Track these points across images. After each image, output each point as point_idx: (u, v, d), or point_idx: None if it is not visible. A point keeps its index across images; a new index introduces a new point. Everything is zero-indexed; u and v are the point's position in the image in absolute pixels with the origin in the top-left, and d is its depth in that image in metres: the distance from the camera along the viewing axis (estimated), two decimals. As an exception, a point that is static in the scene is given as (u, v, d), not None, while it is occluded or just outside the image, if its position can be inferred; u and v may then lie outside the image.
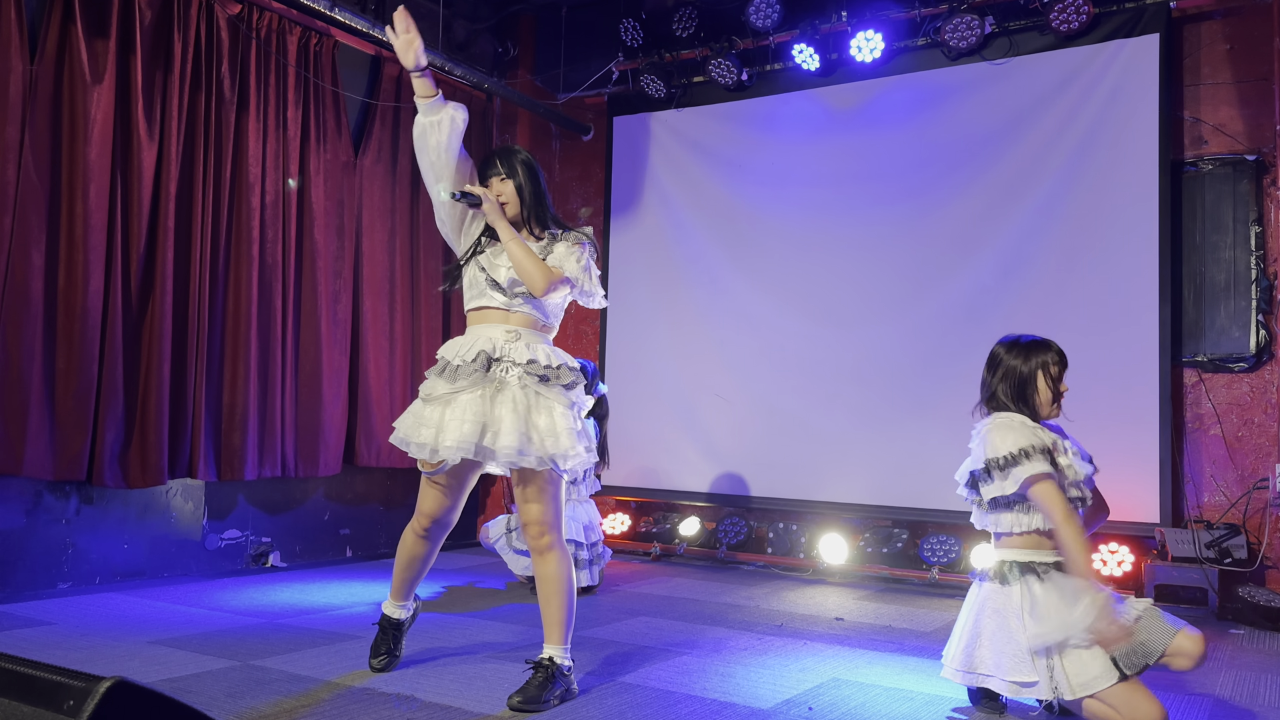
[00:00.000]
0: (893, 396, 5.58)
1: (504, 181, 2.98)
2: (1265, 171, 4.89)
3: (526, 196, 3.00)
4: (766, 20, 5.84)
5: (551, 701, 2.80)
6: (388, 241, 5.84)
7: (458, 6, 6.49)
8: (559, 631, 2.88)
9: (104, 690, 1.13)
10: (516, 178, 2.98)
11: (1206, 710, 3.00)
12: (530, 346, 2.90)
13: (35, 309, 4.16)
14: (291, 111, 5.25)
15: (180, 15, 4.69)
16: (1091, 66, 5.20)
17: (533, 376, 2.84)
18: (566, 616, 2.89)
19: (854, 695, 3.05)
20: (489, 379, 2.82)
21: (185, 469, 4.68)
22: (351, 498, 5.80)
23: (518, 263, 2.84)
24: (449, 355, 2.89)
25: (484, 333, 2.93)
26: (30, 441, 4.10)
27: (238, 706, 2.72)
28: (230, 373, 4.91)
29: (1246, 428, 4.87)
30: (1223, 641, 4.02)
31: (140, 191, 4.50)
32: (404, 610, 3.23)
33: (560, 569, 2.90)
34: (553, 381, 2.85)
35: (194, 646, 3.40)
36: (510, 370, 2.85)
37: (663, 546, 6.03)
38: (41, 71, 4.22)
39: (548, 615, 2.89)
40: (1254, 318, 4.86)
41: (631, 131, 6.63)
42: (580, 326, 6.89)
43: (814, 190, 5.93)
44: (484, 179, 3.03)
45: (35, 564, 4.29)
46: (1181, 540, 4.62)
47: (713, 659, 3.46)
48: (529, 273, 2.83)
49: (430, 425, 2.83)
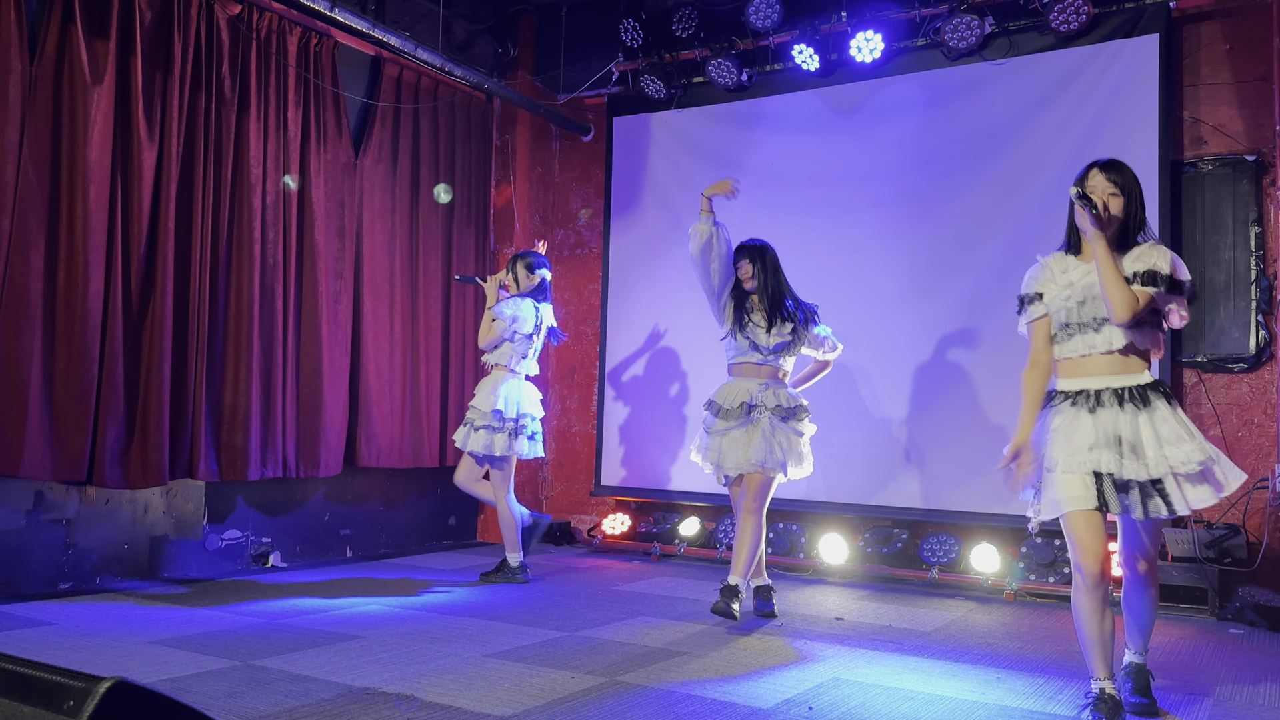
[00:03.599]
0: (893, 396, 5.58)
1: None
2: (1265, 172, 4.89)
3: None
4: (766, 20, 5.84)
5: (737, 611, 3.97)
6: (388, 242, 5.85)
7: (458, 7, 6.50)
8: (743, 567, 4.05)
9: (104, 690, 1.13)
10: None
11: (1206, 710, 3.00)
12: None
13: (35, 310, 4.16)
14: (292, 112, 5.25)
15: (180, 16, 4.70)
16: (1091, 66, 5.20)
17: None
18: (748, 558, 4.06)
19: (854, 695, 3.05)
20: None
21: (186, 469, 4.68)
22: (352, 498, 5.80)
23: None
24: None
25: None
26: (30, 442, 4.10)
27: (238, 706, 2.72)
28: (232, 373, 4.91)
29: (1246, 428, 4.87)
30: (1223, 641, 4.02)
31: (140, 192, 4.51)
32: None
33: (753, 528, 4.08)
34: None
35: (194, 646, 3.40)
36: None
37: (663, 546, 6.03)
38: (41, 72, 4.23)
39: (737, 555, 4.08)
40: (1254, 318, 4.86)
41: (631, 132, 6.63)
42: (580, 327, 6.89)
43: (814, 190, 5.93)
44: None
45: (36, 564, 4.29)
46: (1181, 540, 4.62)
47: (713, 659, 3.46)
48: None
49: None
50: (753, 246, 4.23)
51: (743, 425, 4.09)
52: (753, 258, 4.19)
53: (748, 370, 4.19)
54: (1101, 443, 2.71)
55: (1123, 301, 2.70)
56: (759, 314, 4.17)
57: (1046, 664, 3.53)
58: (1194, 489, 2.67)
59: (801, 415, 4.15)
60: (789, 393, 4.19)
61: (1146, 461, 2.67)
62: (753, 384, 4.14)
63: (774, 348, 4.15)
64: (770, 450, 4.03)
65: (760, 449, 4.03)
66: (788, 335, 4.16)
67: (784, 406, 4.11)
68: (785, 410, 4.11)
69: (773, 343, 4.15)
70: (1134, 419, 2.71)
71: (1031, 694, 3.12)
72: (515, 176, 6.80)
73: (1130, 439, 2.69)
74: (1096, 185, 2.82)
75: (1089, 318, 2.82)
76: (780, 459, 4.05)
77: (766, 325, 4.15)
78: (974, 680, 3.26)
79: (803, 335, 4.20)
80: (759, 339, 4.15)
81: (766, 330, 4.14)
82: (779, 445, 4.05)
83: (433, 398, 6.11)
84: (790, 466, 4.09)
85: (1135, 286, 2.73)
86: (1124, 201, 2.81)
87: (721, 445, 4.11)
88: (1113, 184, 2.81)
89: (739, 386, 4.16)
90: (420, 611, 4.19)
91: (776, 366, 4.18)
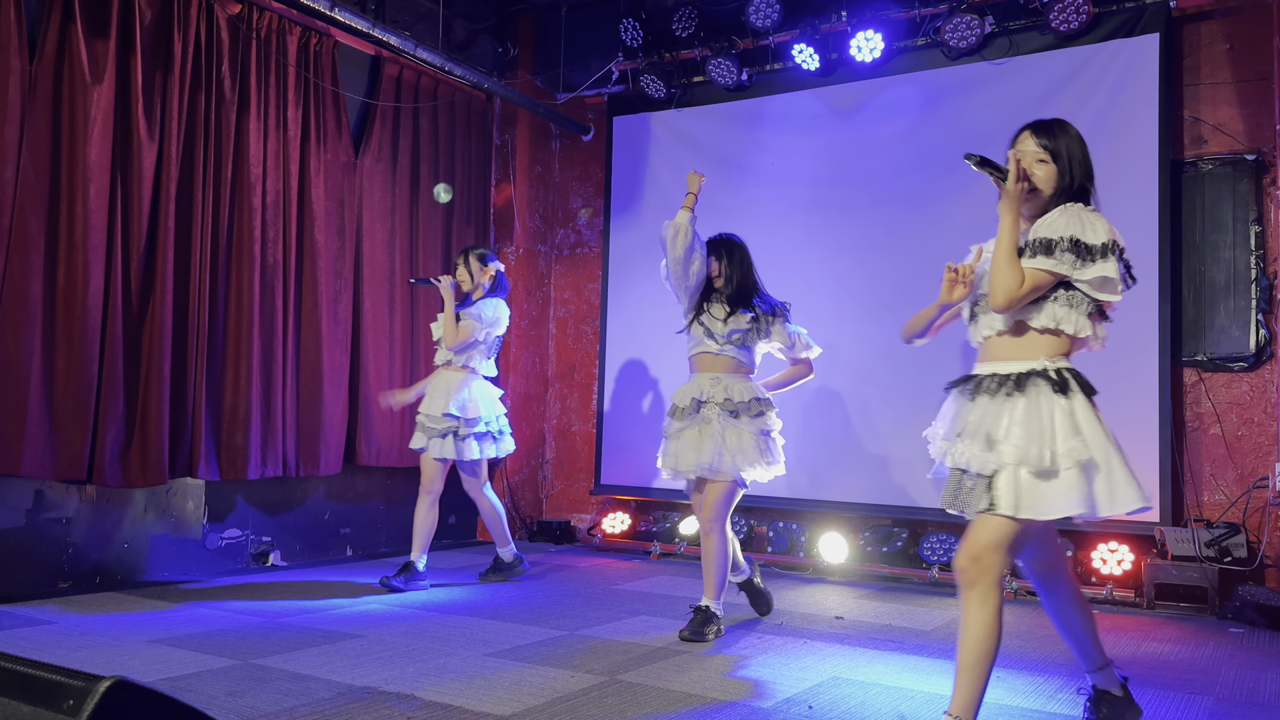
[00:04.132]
0: (893, 396, 5.58)
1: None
2: (1265, 171, 4.89)
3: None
4: (766, 20, 5.84)
5: (708, 637, 3.72)
6: (388, 241, 5.85)
7: (458, 6, 6.49)
8: (714, 589, 3.80)
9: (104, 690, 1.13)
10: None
11: (1206, 709, 3.00)
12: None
13: (35, 309, 4.16)
14: (291, 111, 5.25)
15: (180, 15, 4.69)
16: (1091, 66, 5.20)
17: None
18: (719, 578, 3.80)
19: (854, 694, 3.05)
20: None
21: (186, 468, 4.68)
22: (352, 497, 5.80)
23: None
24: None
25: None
26: (30, 441, 4.10)
27: (238, 706, 2.72)
28: (232, 372, 4.91)
29: (1246, 427, 4.87)
30: (1223, 640, 4.02)
31: (140, 191, 4.50)
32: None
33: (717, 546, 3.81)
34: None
35: (194, 646, 3.40)
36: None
37: (663, 546, 6.03)
38: (41, 71, 4.22)
39: (707, 575, 3.83)
40: (1254, 317, 4.86)
41: (631, 131, 6.63)
42: (580, 326, 6.89)
43: (814, 190, 5.92)
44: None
45: (36, 563, 4.29)
46: (1181, 539, 4.62)
47: (713, 658, 3.46)
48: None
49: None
50: (721, 242, 4.00)
51: (694, 424, 3.83)
52: (719, 254, 3.96)
53: (704, 362, 3.91)
54: (962, 431, 2.43)
55: (1000, 285, 2.36)
56: (719, 306, 3.91)
57: (1046, 663, 3.53)
58: (1040, 491, 2.31)
59: (756, 410, 3.82)
60: (745, 387, 3.86)
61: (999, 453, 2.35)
62: (705, 379, 3.88)
63: (728, 335, 3.86)
64: (718, 453, 3.74)
65: (708, 451, 3.75)
66: (745, 324, 3.87)
67: (733, 400, 3.80)
68: (735, 405, 3.80)
69: (728, 330, 3.86)
70: (1001, 408, 2.38)
71: (1031, 693, 3.12)
72: (515, 176, 6.80)
73: (990, 429, 2.37)
74: (1025, 150, 2.45)
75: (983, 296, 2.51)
76: (732, 463, 3.74)
77: (724, 315, 3.88)
78: (974, 680, 3.26)
79: (764, 326, 3.91)
80: (714, 327, 3.87)
81: (724, 319, 3.87)
82: (728, 448, 3.75)
83: (433, 397, 6.11)
84: (744, 469, 3.77)
85: (1025, 260, 2.36)
86: (1054, 170, 2.42)
87: (675, 447, 3.86)
88: (1043, 148, 2.43)
89: (693, 383, 3.91)
90: (420, 611, 4.19)
91: (735, 359, 3.89)
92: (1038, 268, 2.34)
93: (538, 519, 6.81)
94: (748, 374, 3.94)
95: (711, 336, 3.88)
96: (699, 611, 3.80)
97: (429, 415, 4.71)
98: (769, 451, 3.83)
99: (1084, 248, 2.31)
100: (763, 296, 3.99)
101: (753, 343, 3.93)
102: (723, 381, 3.85)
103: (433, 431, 4.69)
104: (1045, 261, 2.33)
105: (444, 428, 4.66)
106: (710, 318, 3.89)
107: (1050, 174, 2.42)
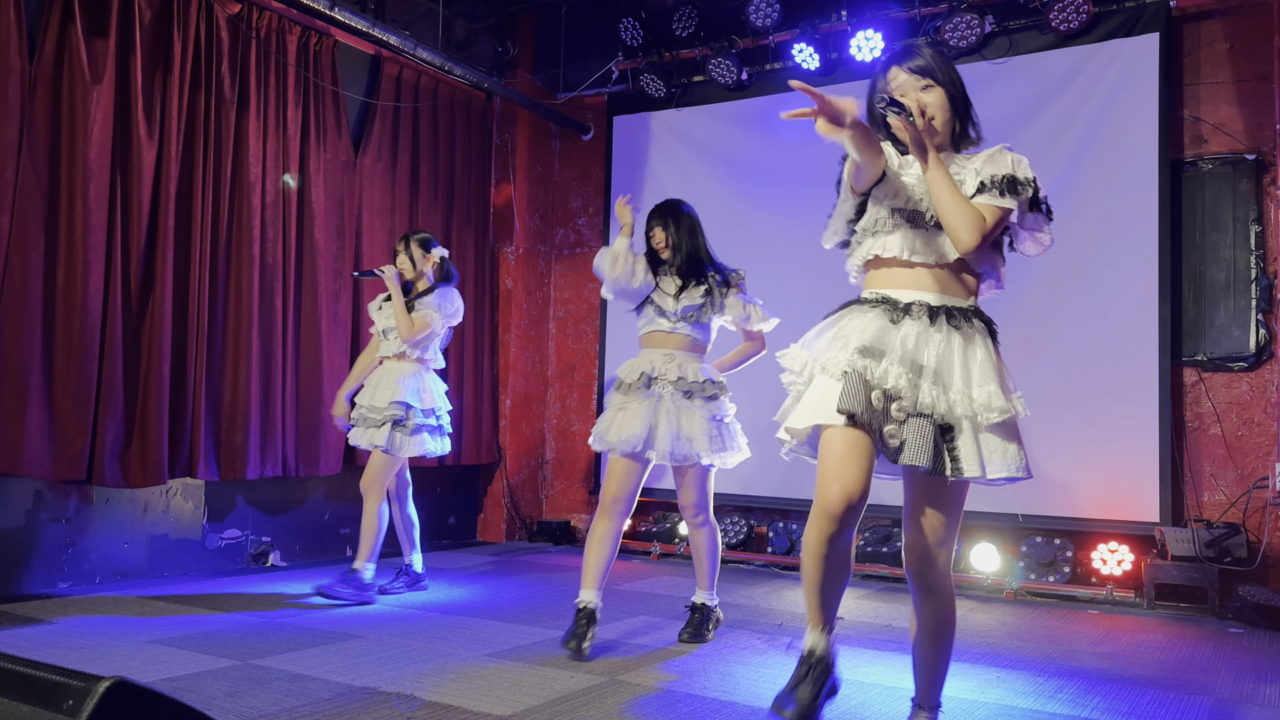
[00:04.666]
0: (893, 396, 5.57)
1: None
2: (1265, 170, 4.89)
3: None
4: (766, 20, 5.84)
5: (708, 634, 3.73)
6: (387, 241, 5.84)
7: (458, 6, 6.49)
8: (707, 580, 3.75)
9: (103, 690, 1.13)
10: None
11: (1206, 710, 3.00)
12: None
13: (34, 309, 4.16)
14: (291, 111, 5.25)
15: (180, 15, 4.69)
16: (1091, 66, 5.20)
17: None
18: (711, 570, 3.75)
19: (854, 694, 3.05)
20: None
21: (185, 468, 4.68)
22: (351, 497, 5.80)
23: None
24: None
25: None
26: (30, 441, 4.10)
27: (238, 706, 2.72)
28: (231, 372, 4.91)
29: (1246, 427, 4.87)
30: (1223, 640, 4.02)
31: (140, 191, 4.50)
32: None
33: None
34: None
35: (194, 646, 3.40)
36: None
37: (663, 546, 6.03)
38: (41, 71, 4.22)
39: (700, 570, 3.77)
40: (1254, 317, 4.86)
41: (631, 131, 6.63)
42: (580, 326, 6.89)
43: (814, 190, 5.89)
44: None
45: (35, 564, 4.29)
46: (1181, 539, 4.61)
47: (713, 658, 3.46)
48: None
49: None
50: (666, 208, 3.75)
51: (643, 399, 3.55)
52: (664, 221, 3.71)
53: (655, 340, 3.66)
54: (894, 358, 2.13)
55: (964, 221, 2.12)
56: (669, 280, 3.66)
57: (1046, 663, 3.53)
58: (994, 450, 2.11)
59: (710, 393, 3.58)
60: (699, 367, 3.63)
61: (947, 397, 2.11)
62: (657, 354, 3.62)
63: (681, 312, 3.61)
64: (675, 436, 3.49)
65: (664, 434, 3.49)
66: (699, 298, 3.62)
67: (687, 380, 3.56)
68: (689, 385, 3.55)
69: (680, 306, 3.61)
70: (946, 343, 2.15)
71: (1031, 693, 3.12)
72: (515, 175, 6.80)
73: (933, 365, 2.13)
74: (902, 84, 2.26)
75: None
76: (691, 447, 3.50)
77: (676, 290, 3.63)
78: (974, 680, 3.26)
79: (718, 299, 3.65)
80: (665, 304, 3.63)
81: (675, 295, 3.63)
82: (683, 432, 3.50)
83: (432, 397, 6.10)
84: (703, 454, 3.53)
85: (984, 199, 2.17)
86: (944, 95, 2.25)
87: (619, 420, 3.54)
88: (922, 77, 2.24)
89: (642, 357, 3.65)
90: (420, 611, 4.19)
91: (688, 336, 3.64)
92: (1002, 205, 2.17)
93: (537, 519, 6.81)
94: (702, 352, 3.71)
95: (664, 314, 3.64)
96: (696, 610, 3.79)
97: (372, 406, 4.36)
98: (722, 437, 3.57)
99: (1026, 185, 2.21)
100: (716, 266, 3.73)
101: (707, 318, 3.67)
102: (676, 359, 3.61)
103: (370, 421, 4.35)
104: (1007, 200, 2.17)
105: (386, 416, 4.32)
106: (661, 294, 3.66)
107: (940, 98, 2.25)
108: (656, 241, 3.71)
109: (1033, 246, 2.31)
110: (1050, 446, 5.05)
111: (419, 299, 4.46)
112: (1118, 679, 3.33)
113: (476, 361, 6.43)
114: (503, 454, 6.62)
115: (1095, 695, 3.11)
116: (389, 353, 4.49)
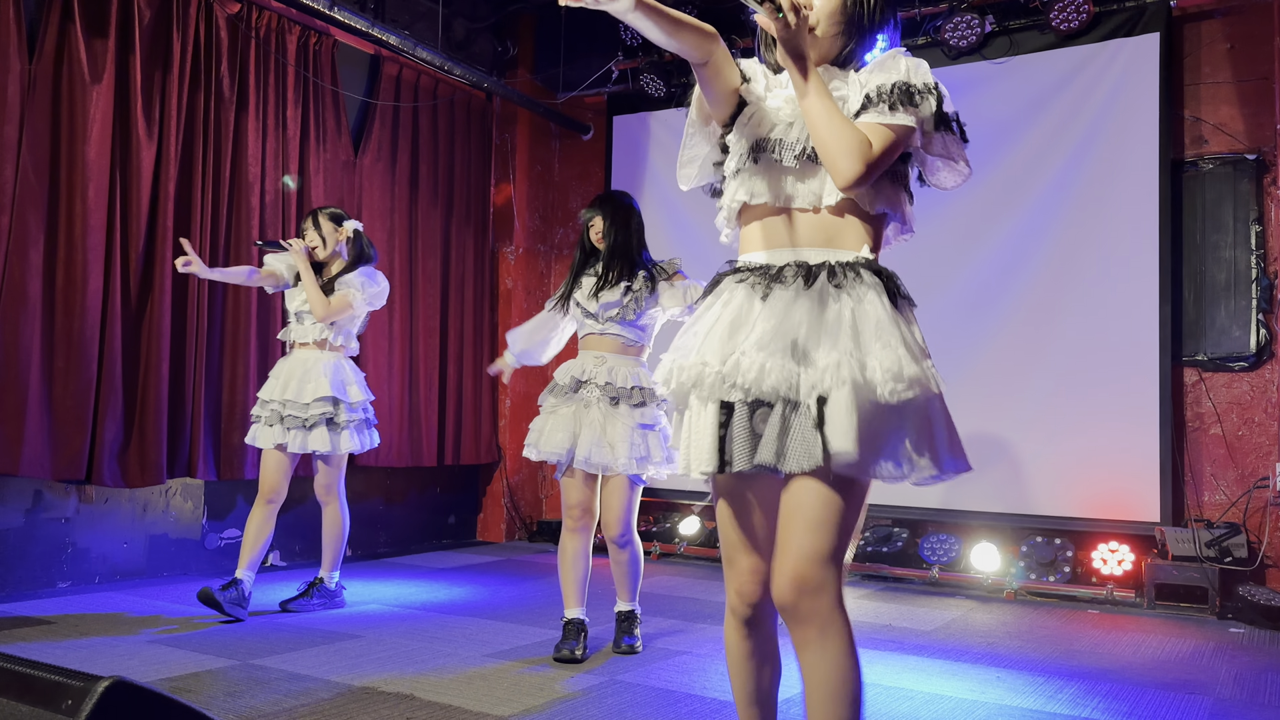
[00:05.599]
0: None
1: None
2: (1265, 170, 4.89)
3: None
4: (766, 19, 5.83)
5: (635, 644, 3.55)
6: (387, 241, 5.84)
7: (457, 5, 6.49)
8: (628, 592, 3.59)
9: (102, 690, 1.12)
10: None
11: (1206, 710, 2.99)
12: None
13: (34, 308, 4.15)
14: (291, 111, 5.25)
15: (179, 14, 4.69)
16: (1092, 66, 5.19)
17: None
18: (633, 585, 3.60)
19: (854, 695, 3.04)
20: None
21: (184, 468, 4.67)
22: (350, 496, 5.78)
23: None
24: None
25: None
26: (29, 441, 4.10)
27: (237, 706, 2.71)
28: (230, 372, 4.90)
29: (1247, 427, 4.87)
30: (1223, 640, 4.02)
31: (139, 191, 4.50)
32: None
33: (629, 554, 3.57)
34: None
35: (194, 646, 3.40)
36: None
37: (663, 546, 6.02)
38: (40, 71, 4.22)
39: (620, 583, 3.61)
40: (1254, 317, 4.86)
41: (631, 131, 6.63)
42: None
43: (814, 189, 5.92)
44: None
45: (35, 563, 4.28)
46: (1182, 539, 4.61)
47: (713, 659, 3.46)
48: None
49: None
50: (605, 197, 3.56)
51: (569, 404, 3.39)
52: (604, 211, 3.49)
53: (589, 342, 3.48)
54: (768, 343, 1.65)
55: (847, 146, 1.61)
56: (587, 277, 3.49)
57: (1046, 663, 3.53)
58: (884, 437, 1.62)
59: (638, 400, 3.35)
60: (630, 371, 3.40)
61: (813, 370, 1.62)
62: (590, 357, 3.44)
63: (601, 311, 3.42)
64: (597, 443, 3.30)
65: (585, 440, 3.32)
66: (619, 296, 3.39)
67: (615, 385, 3.36)
68: (616, 390, 3.35)
69: (598, 305, 3.42)
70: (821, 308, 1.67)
71: (1031, 693, 3.12)
72: (515, 175, 6.80)
73: (800, 338, 1.64)
74: None
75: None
76: (612, 456, 3.31)
77: (593, 289, 3.44)
78: (974, 680, 3.26)
79: (644, 295, 3.42)
80: (587, 305, 3.44)
81: (593, 294, 3.43)
82: (605, 439, 3.31)
83: (431, 396, 6.10)
84: (623, 462, 3.30)
85: (870, 116, 1.67)
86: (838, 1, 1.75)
87: (548, 425, 3.40)
88: None
89: (576, 361, 3.48)
90: (419, 611, 4.19)
91: (618, 337, 3.43)
92: (894, 123, 1.66)
93: (537, 519, 6.80)
94: (639, 353, 3.49)
95: (591, 316, 3.45)
96: (625, 618, 3.59)
97: (294, 401, 3.94)
98: (646, 445, 3.33)
99: (926, 95, 1.70)
100: (643, 262, 3.49)
101: (634, 315, 3.42)
102: (607, 362, 3.41)
103: (295, 421, 3.93)
104: (901, 116, 1.67)
105: (316, 414, 3.94)
106: (581, 294, 3.47)
107: (831, 2, 1.75)
108: (595, 232, 3.50)
109: (949, 176, 1.86)
110: (1051, 446, 5.05)
111: (338, 278, 4.04)
112: (1118, 679, 3.32)
113: (476, 361, 6.43)
114: (502, 454, 6.62)
115: (1095, 695, 3.11)
116: (305, 339, 4.07)
